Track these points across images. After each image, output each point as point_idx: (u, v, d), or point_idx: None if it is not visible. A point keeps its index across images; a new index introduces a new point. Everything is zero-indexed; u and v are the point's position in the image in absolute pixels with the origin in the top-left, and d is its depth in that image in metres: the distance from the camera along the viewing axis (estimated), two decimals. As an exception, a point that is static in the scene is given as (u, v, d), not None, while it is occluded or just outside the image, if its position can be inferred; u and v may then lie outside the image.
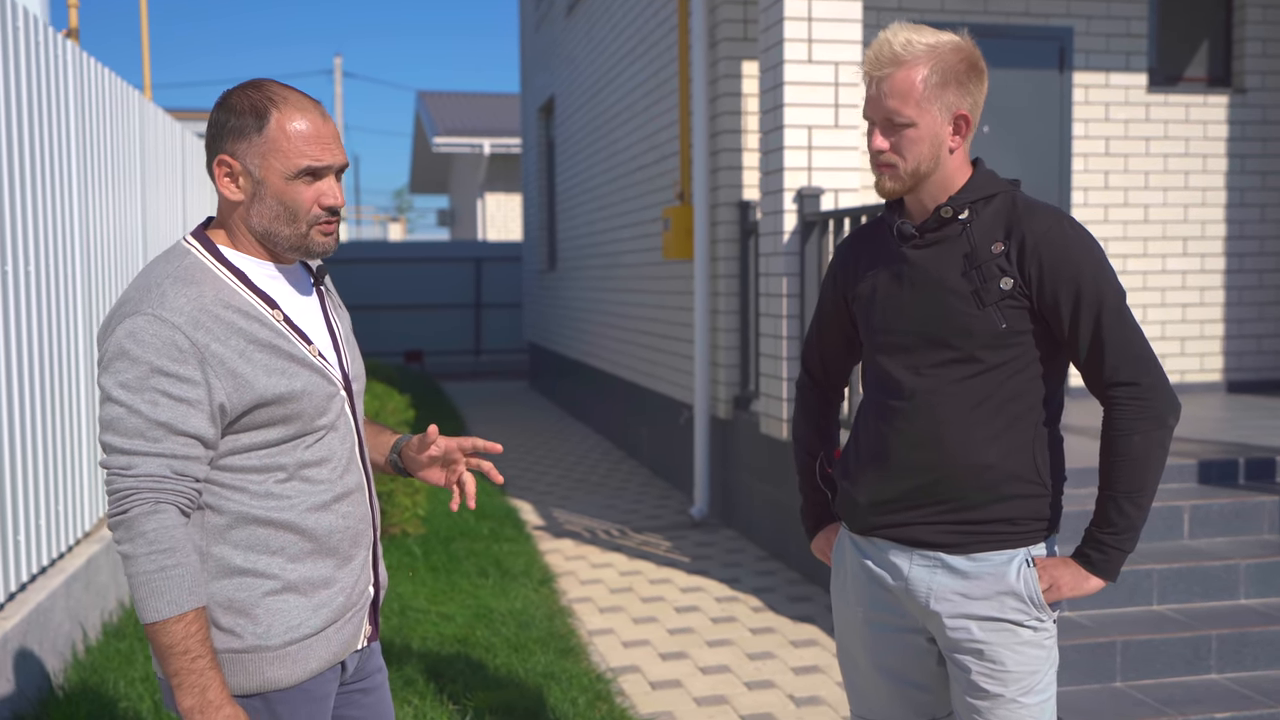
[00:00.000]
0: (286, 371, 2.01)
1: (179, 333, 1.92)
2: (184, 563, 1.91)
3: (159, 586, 1.89)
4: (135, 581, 1.90)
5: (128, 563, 1.91)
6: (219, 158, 2.03)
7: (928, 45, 2.30)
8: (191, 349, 1.92)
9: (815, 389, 2.73)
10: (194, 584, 1.92)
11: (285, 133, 2.01)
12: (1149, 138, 7.90)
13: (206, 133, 2.07)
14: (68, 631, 4.54)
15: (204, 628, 1.93)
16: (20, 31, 4.37)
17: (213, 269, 2.03)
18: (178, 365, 1.91)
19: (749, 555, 6.61)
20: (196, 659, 1.91)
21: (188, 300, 1.95)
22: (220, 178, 2.03)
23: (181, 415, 1.91)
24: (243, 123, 2.01)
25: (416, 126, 26.73)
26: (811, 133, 5.90)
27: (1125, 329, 2.27)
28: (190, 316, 1.94)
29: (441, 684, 4.44)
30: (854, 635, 2.57)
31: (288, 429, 2.02)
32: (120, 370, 1.91)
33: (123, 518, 1.90)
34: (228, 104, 2.03)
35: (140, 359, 1.90)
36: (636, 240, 9.51)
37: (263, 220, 2.04)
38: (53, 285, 4.72)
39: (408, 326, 19.85)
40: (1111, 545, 2.31)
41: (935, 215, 2.34)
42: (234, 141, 2.01)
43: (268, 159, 2.01)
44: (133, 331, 1.91)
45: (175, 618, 1.89)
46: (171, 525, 1.91)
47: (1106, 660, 4.29)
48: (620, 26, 9.72)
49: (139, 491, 1.90)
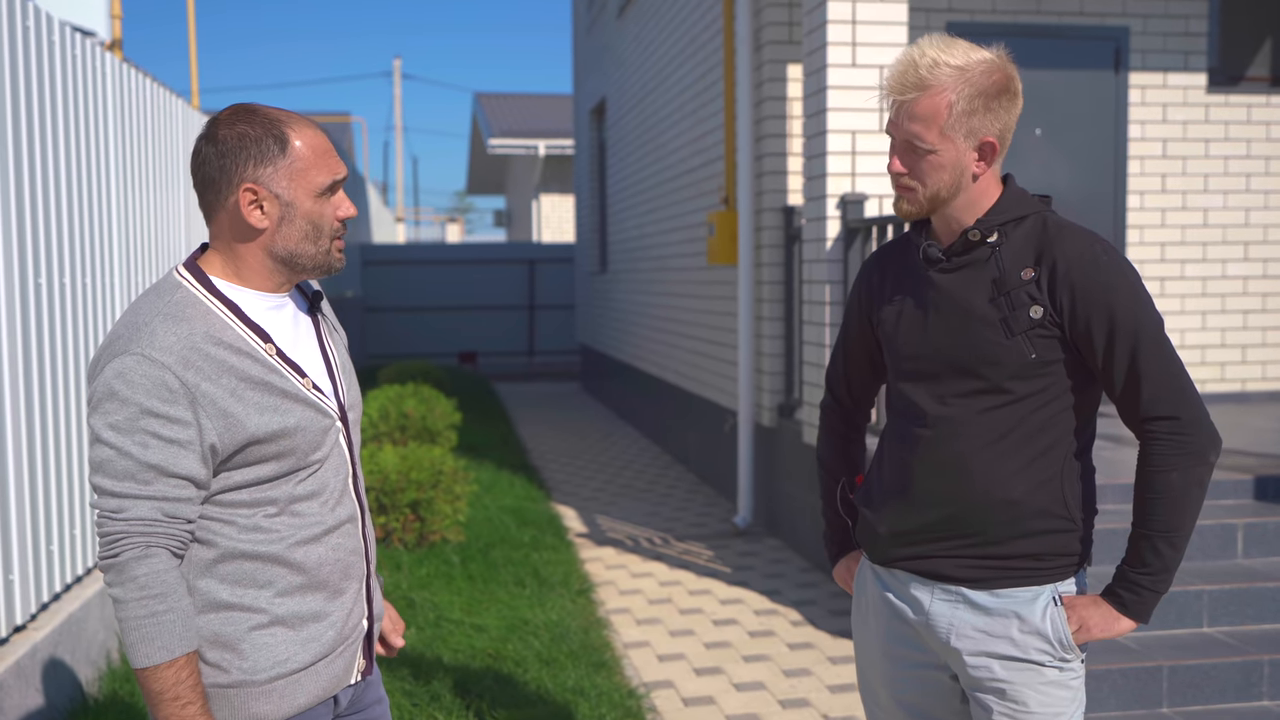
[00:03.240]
0: (279, 409, 1.96)
1: (169, 373, 1.87)
2: (175, 608, 1.87)
3: (150, 632, 1.86)
4: (126, 626, 1.87)
5: (119, 607, 1.87)
6: (245, 186, 1.94)
7: (956, 68, 2.16)
8: (182, 389, 1.87)
9: (839, 411, 2.65)
10: (185, 629, 1.88)
11: (306, 151, 1.97)
12: (1209, 139, 7.69)
13: (207, 165, 1.96)
14: (102, 641, 4.56)
15: (195, 673, 1.89)
16: (56, 46, 4.38)
17: (205, 302, 1.96)
18: (168, 406, 1.86)
19: (792, 566, 6.51)
20: (187, 705, 1.88)
21: (177, 339, 1.89)
22: (245, 206, 1.95)
23: (172, 457, 1.87)
24: (263, 147, 1.94)
25: (473, 128, 26.84)
26: (855, 138, 5.79)
27: (1163, 359, 2.16)
28: (180, 356, 1.88)
29: (468, 700, 4.39)
30: (874, 668, 2.48)
31: (280, 465, 1.98)
32: (110, 411, 1.86)
33: (113, 561, 1.86)
34: (234, 131, 1.94)
35: (130, 400, 1.86)
36: (684, 244, 9.44)
37: (289, 243, 1.99)
38: (92, 297, 4.74)
39: (462, 328, 19.95)
40: (1145, 586, 2.20)
41: (963, 238, 2.24)
42: (256, 167, 1.94)
43: (295, 179, 1.96)
44: (121, 372, 1.86)
45: (166, 663, 1.86)
46: (163, 569, 1.87)
47: (1153, 685, 4.15)
48: (669, 29, 9.65)
49: (129, 535, 1.86)
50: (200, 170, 1.98)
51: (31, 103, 4.16)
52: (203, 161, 1.97)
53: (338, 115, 33.39)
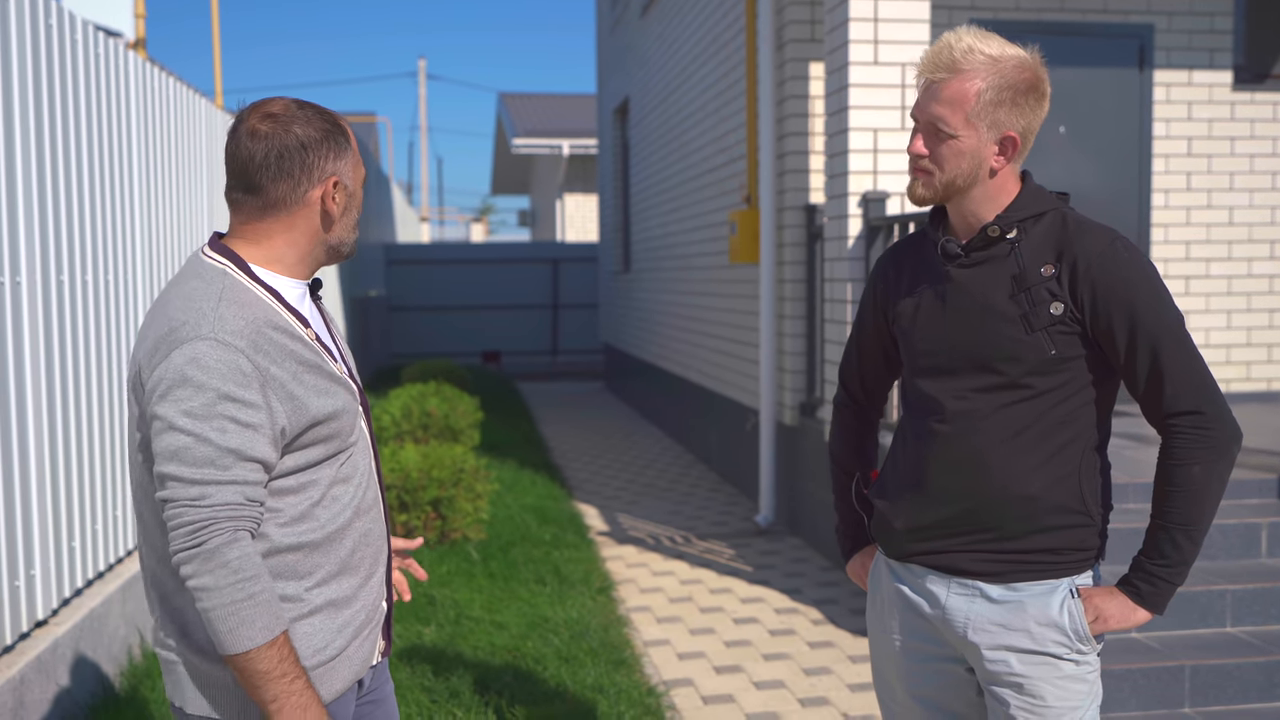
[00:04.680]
0: (329, 391, 1.99)
1: (243, 356, 1.87)
2: (268, 588, 1.88)
3: (250, 615, 1.85)
4: (220, 613, 1.84)
5: (208, 595, 1.84)
6: (332, 179, 1.99)
7: (989, 57, 2.16)
8: (254, 372, 1.88)
9: (853, 407, 2.65)
10: (279, 607, 1.89)
11: (355, 142, 2.06)
12: (1234, 137, 7.63)
13: (285, 159, 1.96)
14: (124, 637, 4.59)
15: (293, 648, 1.90)
16: (80, 45, 4.42)
17: (252, 290, 1.97)
18: (243, 390, 1.86)
19: (812, 565, 6.50)
20: (295, 680, 1.89)
21: (245, 322, 1.90)
22: (328, 199, 2.00)
23: (249, 441, 1.87)
24: (337, 140, 2.01)
25: (498, 128, 26.91)
26: (877, 135, 5.77)
27: (1185, 355, 2.15)
28: (250, 340, 1.89)
29: (487, 697, 4.40)
30: (890, 663, 2.48)
31: (327, 447, 2.00)
32: (184, 398, 1.84)
33: (199, 550, 1.84)
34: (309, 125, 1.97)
35: (206, 385, 1.84)
36: (706, 244, 9.43)
37: (342, 231, 2.07)
38: (114, 294, 4.77)
39: (486, 327, 20.00)
40: (1162, 578, 2.20)
41: (982, 234, 2.23)
42: (335, 159, 2.01)
43: (356, 170, 2.06)
44: (194, 357, 1.85)
45: (268, 643, 1.86)
46: (251, 552, 1.87)
47: (1175, 685, 4.12)
48: (692, 28, 9.65)
49: (216, 521, 1.84)
50: (276, 165, 1.96)
51: (55, 101, 4.19)
52: (283, 154, 1.96)
53: (363, 115, 33.53)
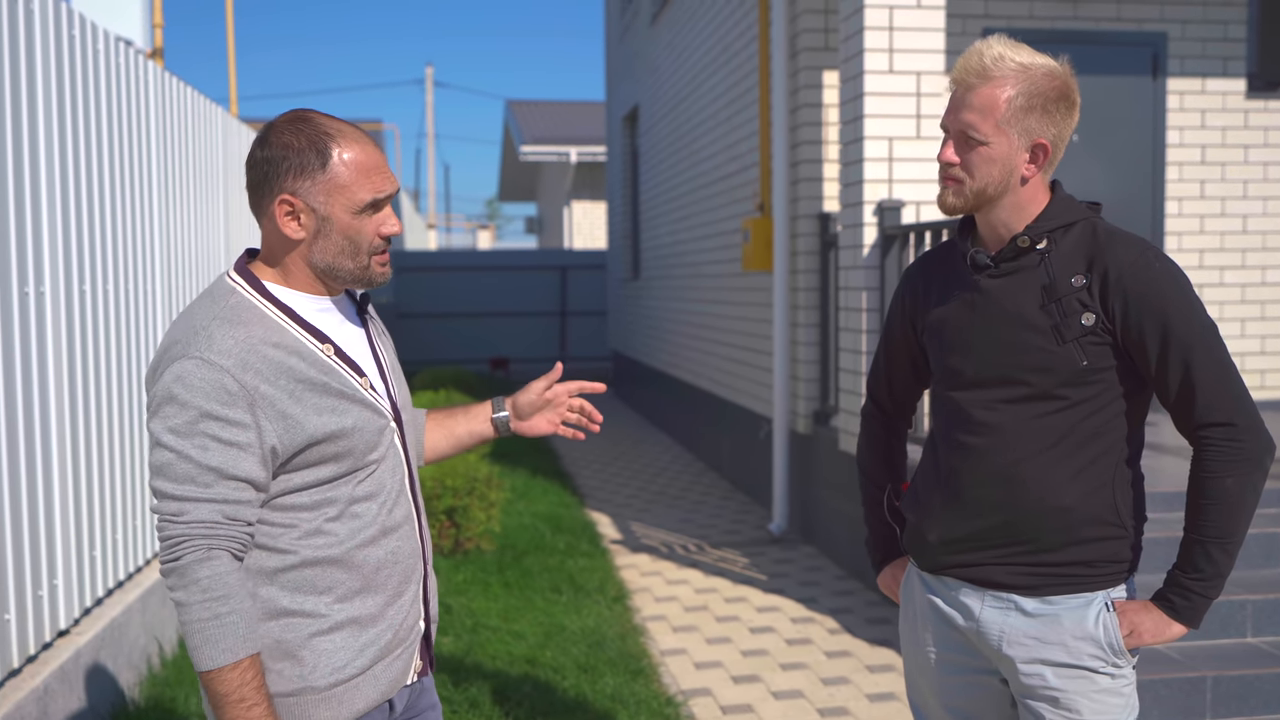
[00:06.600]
0: (337, 409, 1.97)
1: (228, 376, 1.88)
2: (238, 609, 1.88)
3: (213, 634, 1.86)
4: (189, 629, 1.88)
5: (181, 610, 1.88)
6: (281, 197, 1.96)
7: (1019, 64, 2.17)
8: (241, 392, 1.89)
9: (882, 418, 2.64)
10: (248, 631, 1.89)
11: (348, 167, 1.96)
12: (1248, 145, 7.61)
13: (254, 170, 1.98)
14: (143, 646, 4.59)
15: (259, 674, 1.90)
16: (101, 55, 4.43)
17: (260, 307, 1.98)
18: (227, 409, 1.88)
19: (827, 574, 6.49)
20: (252, 707, 1.88)
21: (235, 342, 1.91)
22: (281, 217, 1.97)
23: (232, 459, 1.88)
24: (303, 160, 1.95)
25: (505, 135, 26.92)
26: (892, 144, 5.77)
27: (1218, 366, 2.14)
28: (239, 359, 1.90)
29: (507, 707, 4.40)
30: (924, 675, 2.47)
31: (339, 466, 1.99)
32: (169, 415, 1.88)
33: (175, 565, 1.87)
34: (280, 141, 1.96)
35: (189, 403, 1.87)
36: (718, 251, 9.43)
37: (326, 256, 2.00)
38: (134, 303, 4.78)
39: (494, 334, 20.02)
40: (1197, 592, 2.18)
41: (1012, 244, 2.23)
42: (295, 179, 1.95)
43: (333, 195, 1.96)
44: (180, 376, 1.88)
45: (230, 665, 1.87)
46: (225, 571, 1.88)
47: (1196, 696, 4.10)
48: (703, 36, 9.65)
49: (190, 539, 1.87)
50: (249, 174, 2.01)
51: (77, 111, 4.20)
52: (252, 166, 2.00)
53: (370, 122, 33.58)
